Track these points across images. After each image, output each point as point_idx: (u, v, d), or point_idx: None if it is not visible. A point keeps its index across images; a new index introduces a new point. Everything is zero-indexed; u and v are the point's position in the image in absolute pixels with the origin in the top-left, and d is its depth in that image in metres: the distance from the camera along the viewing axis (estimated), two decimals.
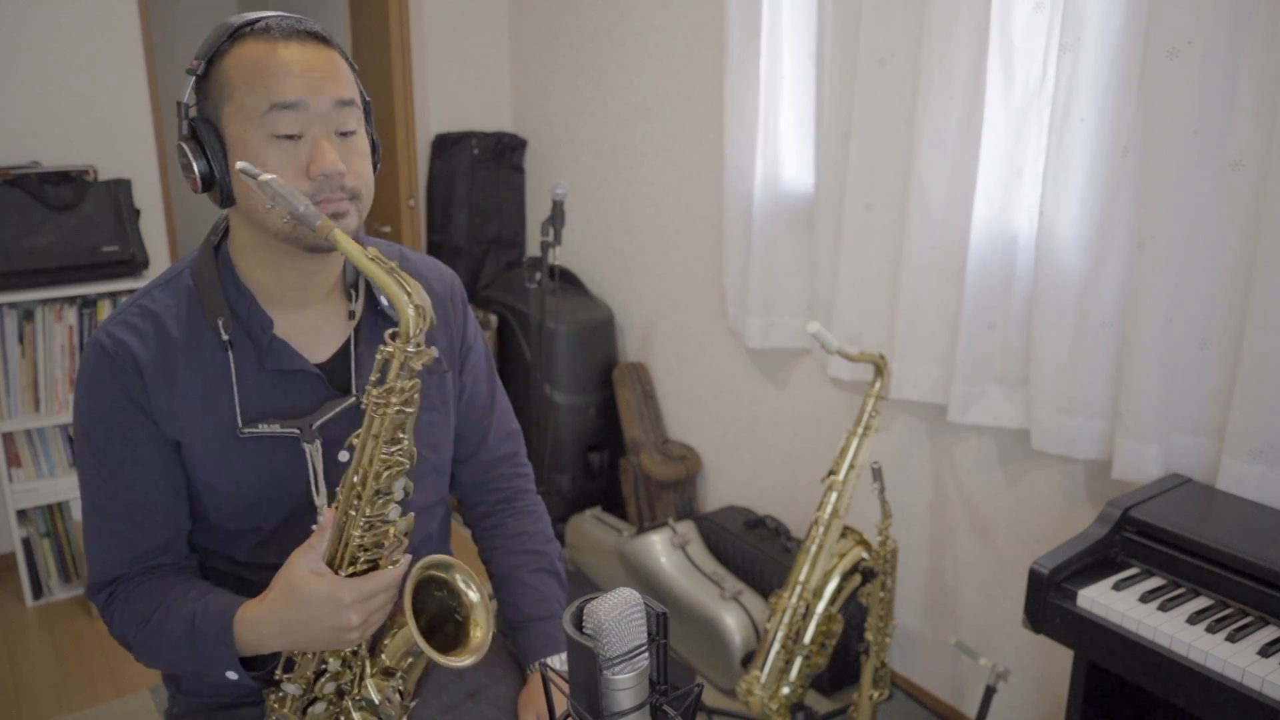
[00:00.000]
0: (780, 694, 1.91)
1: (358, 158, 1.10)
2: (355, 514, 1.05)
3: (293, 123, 1.04)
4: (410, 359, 1.00)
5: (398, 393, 1.02)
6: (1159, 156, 1.64)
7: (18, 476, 2.86)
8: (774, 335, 2.62)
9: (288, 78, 1.04)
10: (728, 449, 2.99)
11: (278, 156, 1.05)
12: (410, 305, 0.98)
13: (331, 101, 1.06)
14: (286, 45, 1.05)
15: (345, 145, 1.09)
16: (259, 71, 1.04)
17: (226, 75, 1.05)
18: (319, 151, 1.05)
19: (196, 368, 1.13)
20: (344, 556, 1.07)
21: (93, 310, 2.89)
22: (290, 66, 1.04)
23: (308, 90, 1.05)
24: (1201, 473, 1.73)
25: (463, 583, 1.11)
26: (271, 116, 1.04)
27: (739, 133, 2.53)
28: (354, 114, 1.10)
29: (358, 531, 1.06)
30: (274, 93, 1.03)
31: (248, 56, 1.05)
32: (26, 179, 2.77)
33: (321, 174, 1.05)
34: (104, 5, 2.98)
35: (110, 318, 1.14)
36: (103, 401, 1.12)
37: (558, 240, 2.75)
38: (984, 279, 2.00)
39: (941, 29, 1.95)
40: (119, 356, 1.10)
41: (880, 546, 1.97)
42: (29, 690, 2.54)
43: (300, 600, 1.03)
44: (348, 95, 1.08)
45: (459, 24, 3.63)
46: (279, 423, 1.14)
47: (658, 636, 0.81)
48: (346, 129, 1.08)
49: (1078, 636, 1.50)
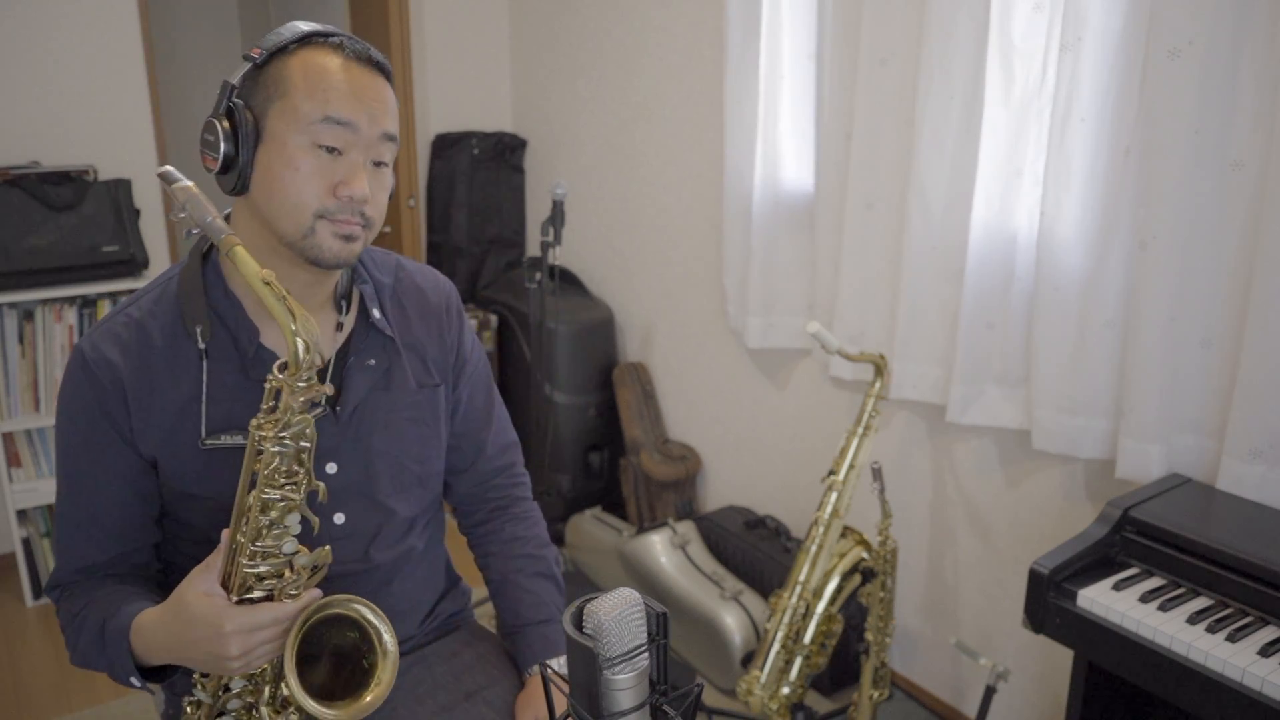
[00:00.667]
0: (780, 694, 1.91)
1: (382, 189, 1.13)
2: (245, 540, 1.02)
3: (339, 138, 1.07)
4: (298, 392, 0.98)
5: (284, 425, 0.99)
6: (1160, 156, 1.64)
7: (18, 476, 2.86)
8: (773, 335, 2.62)
9: (348, 96, 1.07)
10: (728, 449, 2.99)
11: (312, 164, 1.06)
12: (298, 338, 0.96)
13: (379, 132, 1.10)
14: (356, 66, 1.09)
15: (377, 175, 1.11)
16: (323, 80, 1.06)
17: (288, 73, 1.07)
18: (354, 175, 1.07)
19: (177, 378, 1.12)
20: (236, 583, 1.03)
21: (93, 310, 2.89)
22: (353, 86, 1.07)
23: (362, 113, 1.07)
24: (1202, 473, 1.72)
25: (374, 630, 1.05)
26: (321, 127, 1.06)
27: (739, 133, 2.53)
28: (392, 149, 1.13)
29: (246, 559, 1.02)
30: (332, 105, 1.06)
31: (316, 63, 1.07)
32: (26, 179, 2.77)
33: (349, 196, 1.07)
34: (104, 5, 2.98)
35: (97, 326, 1.15)
36: (75, 411, 1.13)
37: (558, 240, 2.75)
38: (983, 279, 2.00)
39: (942, 29, 1.95)
40: (97, 369, 1.11)
41: (880, 546, 1.97)
42: (29, 690, 2.54)
43: (185, 619, 1.01)
44: (393, 130, 1.12)
45: (459, 24, 3.63)
46: (242, 435, 1.10)
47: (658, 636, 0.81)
48: (382, 160, 1.12)
49: (1078, 636, 1.50)
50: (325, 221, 1.07)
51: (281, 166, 1.06)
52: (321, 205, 1.06)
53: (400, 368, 1.24)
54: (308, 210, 1.06)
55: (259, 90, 1.08)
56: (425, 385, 1.27)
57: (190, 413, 1.12)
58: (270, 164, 1.07)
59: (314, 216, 1.07)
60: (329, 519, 1.19)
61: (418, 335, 1.28)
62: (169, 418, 1.12)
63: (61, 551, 1.17)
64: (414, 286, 1.30)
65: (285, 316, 0.96)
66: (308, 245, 1.08)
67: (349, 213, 1.08)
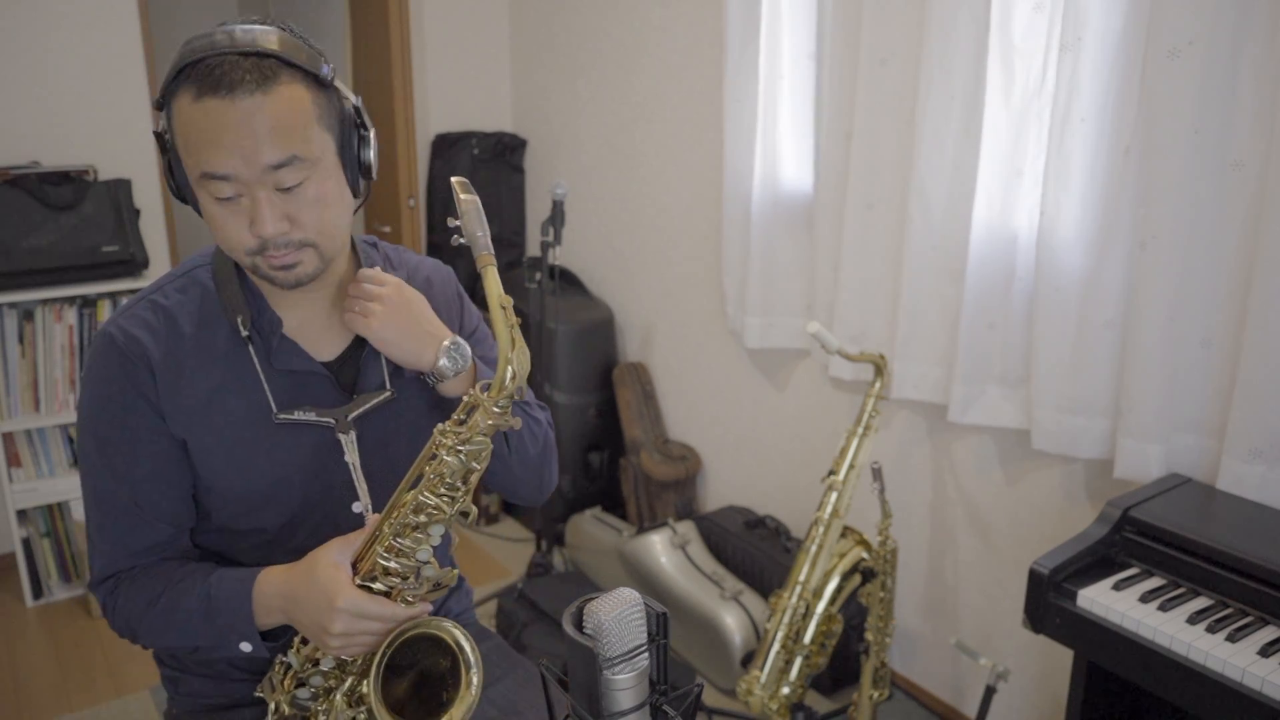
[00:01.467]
0: (780, 694, 1.91)
1: (308, 207, 1.04)
2: (388, 531, 1.05)
3: (227, 189, 1.01)
4: (491, 415, 1.00)
5: (465, 439, 1.02)
6: (1160, 156, 1.64)
7: (18, 476, 2.86)
8: (772, 335, 2.62)
9: (215, 148, 0.98)
10: (728, 449, 2.99)
11: (223, 213, 1.03)
12: (509, 365, 0.99)
13: (262, 167, 0.99)
14: (210, 104, 0.97)
15: (291, 199, 1.03)
16: (190, 136, 0.99)
17: (172, 126, 1.02)
18: (258, 215, 1.01)
19: (210, 365, 1.13)
20: (365, 567, 1.06)
21: (93, 310, 2.89)
22: (218, 134, 0.98)
23: (236, 160, 0.99)
24: (1201, 472, 1.73)
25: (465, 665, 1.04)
26: (207, 184, 1.01)
27: (738, 133, 2.53)
28: (294, 170, 1.01)
29: (383, 549, 1.05)
30: (203, 160, 0.99)
31: (182, 115, 0.99)
32: (26, 179, 2.77)
33: (259, 235, 1.03)
34: (104, 5, 2.98)
35: (121, 311, 1.14)
36: (110, 395, 1.11)
37: (558, 240, 2.75)
38: (984, 279, 2.00)
39: (942, 29, 1.95)
40: (130, 350, 1.10)
41: (880, 546, 1.97)
42: (29, 690, 2.54)
43: (309, 580, 1.04)
44: (282, 155, 1.00)
45: (459, 24, 3.63)
46: (314, 411, 1.13)
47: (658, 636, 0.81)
48: (286, 185, 1.02)
49: (1078, 636, 1.50)
50: (260, 258, 1.05)
51: (208, 218, 1.05)
52: (247, 246, 1.04)
53: None
54: (242, 253, 1.06)
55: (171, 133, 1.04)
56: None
57: (231, 397, 1.12)
58: (204, 214, 1.06)
59: (249, 255, 1.05)
60: (347, 508, 1.19)
61: None
62: (203, 404, 1.12)
63: (105, 543, 1.15)
64: (421, 276, 1.31)
65: (507, 343, 0.99)
66: (261, 275, 1.08)
67: (274, 247, 1.04)
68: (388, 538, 1.05)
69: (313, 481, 1.17)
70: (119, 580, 1.16)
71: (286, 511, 1.17)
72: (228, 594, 1.09)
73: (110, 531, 1.15)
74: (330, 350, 1.19)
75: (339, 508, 1.18)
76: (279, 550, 1.18)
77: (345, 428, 1.15)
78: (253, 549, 1.19)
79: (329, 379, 1.17)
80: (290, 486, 1.16)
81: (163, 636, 1.14)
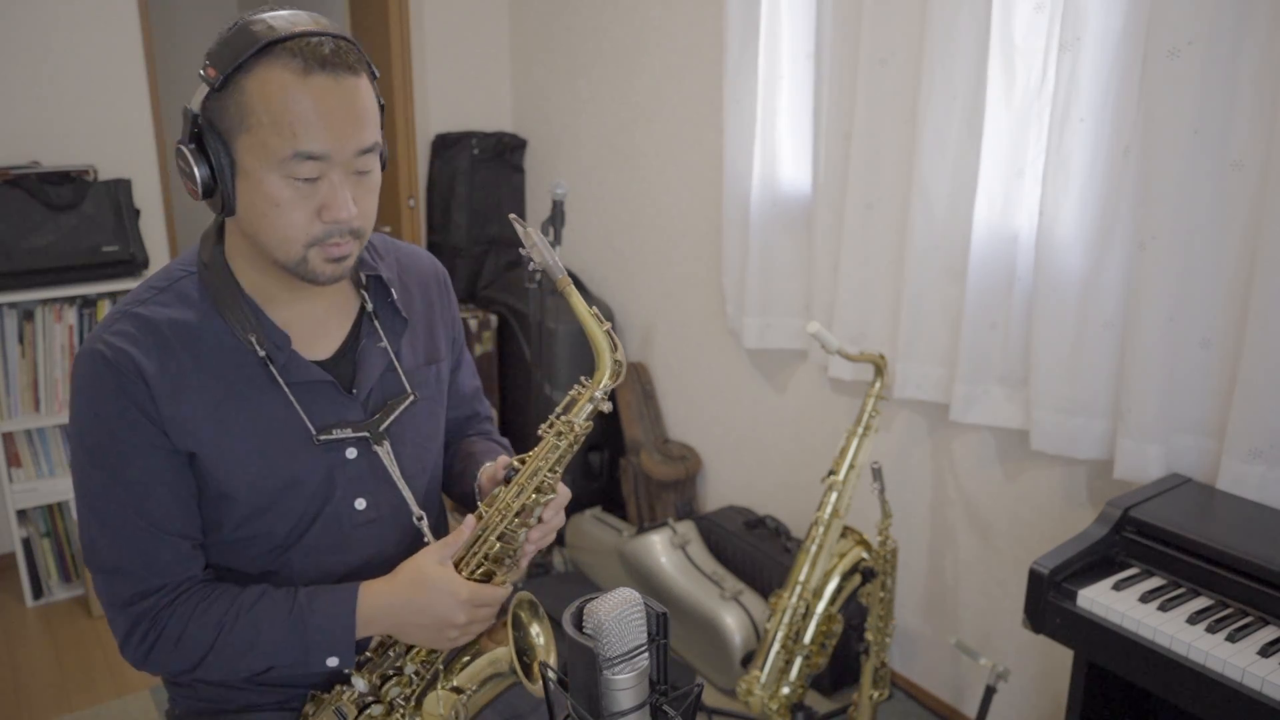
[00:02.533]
0: (780, 694, 1.91)
1: (369, 196, 1.08)
2: (501, 522, 1.15)
3: (313, 169, 1.01)
4: (597, 403, 1.14)
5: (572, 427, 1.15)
6: (1159, 156, 1.64)
7: (18, 476, 2.86)
8: (771, 336, 2.62)
9: (315, 125, 0.99)
10: (728, 449, 2.99)
11: (292, 197, 1.02)
12: (611, 359, 1.12)
13: (355, 150, 1.03)
14: (318, 80, 0.98)
15: (360, 185, 1.06)
16: (286, 111, 0.98)
17: (248, 102, 0.99)
18: (336, 200, 1.03)
19: (212, 378, 1.10)
20: (468, 559, 1.15)
21: (93, 310, 2.90)
22: (319, 113, 0.99)
23: (334, 141, 1.00)
24: (1202, 473, 1.72)
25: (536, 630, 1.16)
26: (293, 163, 1.00)
27: (737, 133, 2.53)
28: (373, 157, 1.06)
29: (494, 538, 1.15)
30: (300, 139, 0.99)
31: (274, 89, 0.98)
32: (26, 179, 2.77)
33: (334, 220, 1.03)
34: (104, 5, 2.98)
35: (103, 327, 1.09)
36: (110, 414, 1.07)
37: (558, 240, 2.75)
38: (985, 279, 2.00)
39: (942, 29, 1.95)
40: (122, 365, 1.06)
41: (880, 546, 1.97)
42: (29, 690, 2.54)
43: (420, 585, 1.11)
44: (371, 140, 1.04)
45: (459, 24, 3.63)
46: (350, 428, 1.16)
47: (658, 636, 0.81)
48: (364, 170, 1.06)
49: (1078, 636, 1.50)
50: (316, 249, 1.05)
51: (263, 203, 1.02)
52: (309, 234, 1.04)
53: (408, 348, 1.25)
54: (298, 243, 1.04)
55: (223, 116, 1.01)
56: (430, 362, 1.28)
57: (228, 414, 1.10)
58: (252, 200, 1.03)
59: (304, 247, 1.05)
60: (350, 505, 1.18)
61: (420, 312, 1.29)
62: (210, 416, 1.09)
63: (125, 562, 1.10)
64: (413, 267, 1.31)
65: (607, 346, 1.13)
66: (301, 270, 1.07)
67: (338, 235, 1.05)
68: (497, 526, 1.15)
69: (321, 483, 1.16)
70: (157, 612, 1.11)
71: (294, 513, 1.16)
72: (326, 609, 1.12)
73: (127, 553, 1.10)
74: (325, 348, 1.19)
75: (343, 506, 1.18)
76: (286, 554, 1.17)
77: (380, 439, 1.18)
78: (262, 556, 1.17)
79: (332, 384, 1.16)
80: (299, 489, 1.15)
81: (237, 663, 1.12)
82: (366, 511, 1.20)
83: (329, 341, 1.19)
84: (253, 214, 1.04)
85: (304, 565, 1.18)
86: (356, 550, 1.20)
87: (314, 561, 1.18)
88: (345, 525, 1.18)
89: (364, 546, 1.20)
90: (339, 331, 1.20)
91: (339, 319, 1.20)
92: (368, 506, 1.20)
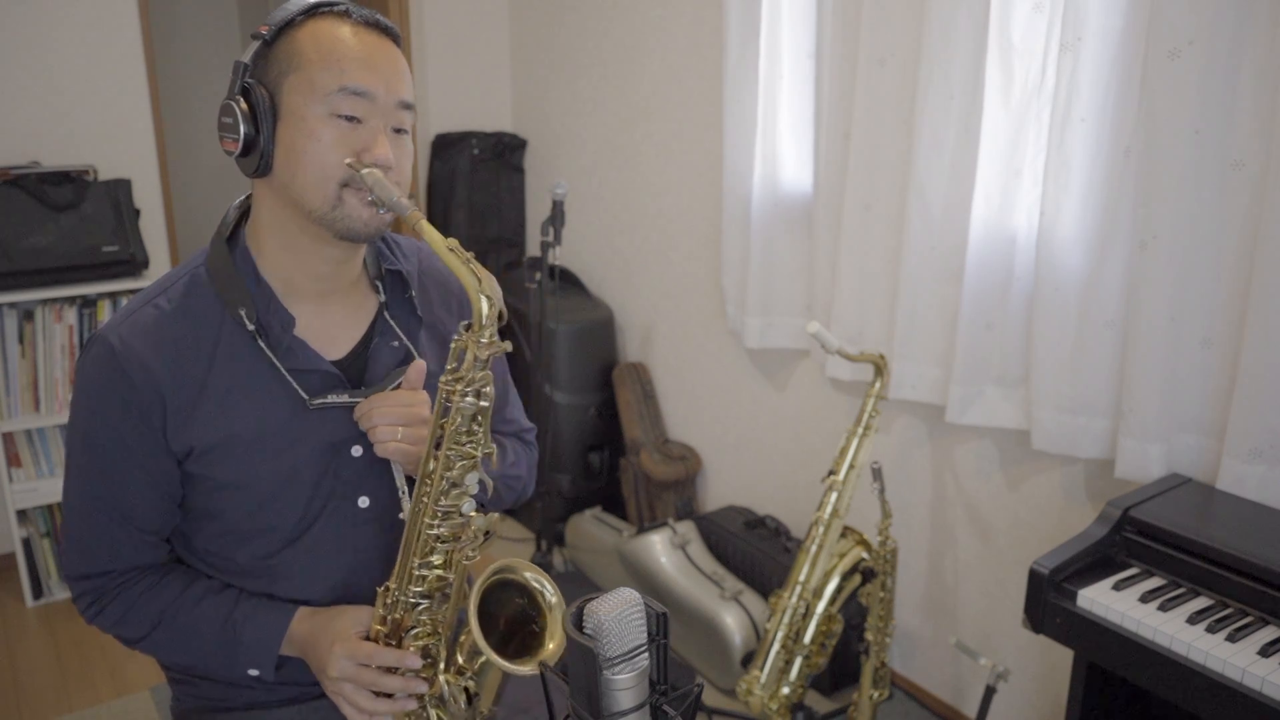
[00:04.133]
0: (780, 694, 1.91)
1: (405, 157, 1.12)
2: (428, 501, 1.08)
3: (357, 106, 1.06)
4: (481, 349, 1.04)
5: (468, 382, 1.04)
6: (1160, 156, 1.64)
7: (18, 476, 2.86)
8: (771, 336, 2.62)
9: (363, 65, 1.06)
10: (728, 449, 2.99)
11: (333, 134, 1.05)
12: (481, 295, 1.02)
13: (396, 100, 1.08)
14: (367, 32, 1.08)
15: (398, 143, 1.10)
16: (335, 50, 1.05)
17: (299, 46, 1.06)
18: (377, 142, 1.06)
19: (220, 366, 1.11)
20: (418, 547, 1.10)
21: (93, 310, 2.89)
22: (366, 54, 1.06)
23: (379, 81, 1.06)
24: (1202, 473, 1.72)
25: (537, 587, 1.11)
26: (339, 97, 1.05)
27: (737, 133, 2.53)
28: (411, 117, 1.12)
29: (428, 519, 1.09)
30: (347, 75, 1.05)
31: (326, 33, 1.06)
32: (26, 179, 2.77)
33: (374, 163, 1.05)
34: (104, 5, 2.98)
35: (122, 317, 1.12)
36: (105, 407, 1.10)
37: (558, 240, 2.75)
38: (983, 279, 2.00)
39: (941, 29, 1.95)
40: (128, 362, 1.08)
41: (880, 546, 1.97)
42: (29, 690, 2.54)
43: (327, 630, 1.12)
44: (410, 98, 1.10)
45: (459, 24, 3.63)
46: (347, 393, 1.15)
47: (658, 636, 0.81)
48: (403, 127, 1.10)
49: (1078, 636, 1.50)
50: (351, 190, 1.06)
51: (303, 139, 1.05)
52: (346, 174, 1.06)
53: (422, 348, 1.24)
54: (333, 181, 1.06)
55: (271, 67, 1.07)
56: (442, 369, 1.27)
57: (234, 401, 1.11)
58: (292, 140, 1.06)
59: (339, 186, 1.06)
60: (353, 502, 1.19)
61: (439, 316, 1.29)
62: (212, 406, 1.11)
63: (89, 542, 1.16)
64: (435, 271, 1.31)
65: (471, 279, 1.02)
66: (337, 217, 1.07)
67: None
68: (429, 507, 1.09)
69: (323, 474, 1.16)
70: (104, 590, 1.17)
71: (298, 506, 1.16)
72: (260, 625, 1.14)
73: (93, 535, 1.15)
74: (339, 349, 1.19)
75: (346, 502, 1.18)
76: (288, 550, 1.17)
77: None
78: (259, 549, 1.18)
79: (340, 379, 1.16)
80: (301, 481, 1.15)
81: (168, 654, 1.18)
82: (369, 510, 1.20)
83: (341, 343, 1.19)
84: (289, 158, 1.06)
85: (306, 561, 1.18)
86: (358, 547, 1.20)
87: (316, 557, 1.19)
88: (348, 522, 1.18)
89: (366, 544, 1.20)
90: (353, 334, 1.20)
91: (355, 321, 1.20)
92: (370, 505, 1.20)
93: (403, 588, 1.11)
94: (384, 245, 1.26)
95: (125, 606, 1.17)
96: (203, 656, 1.17)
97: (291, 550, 1.17)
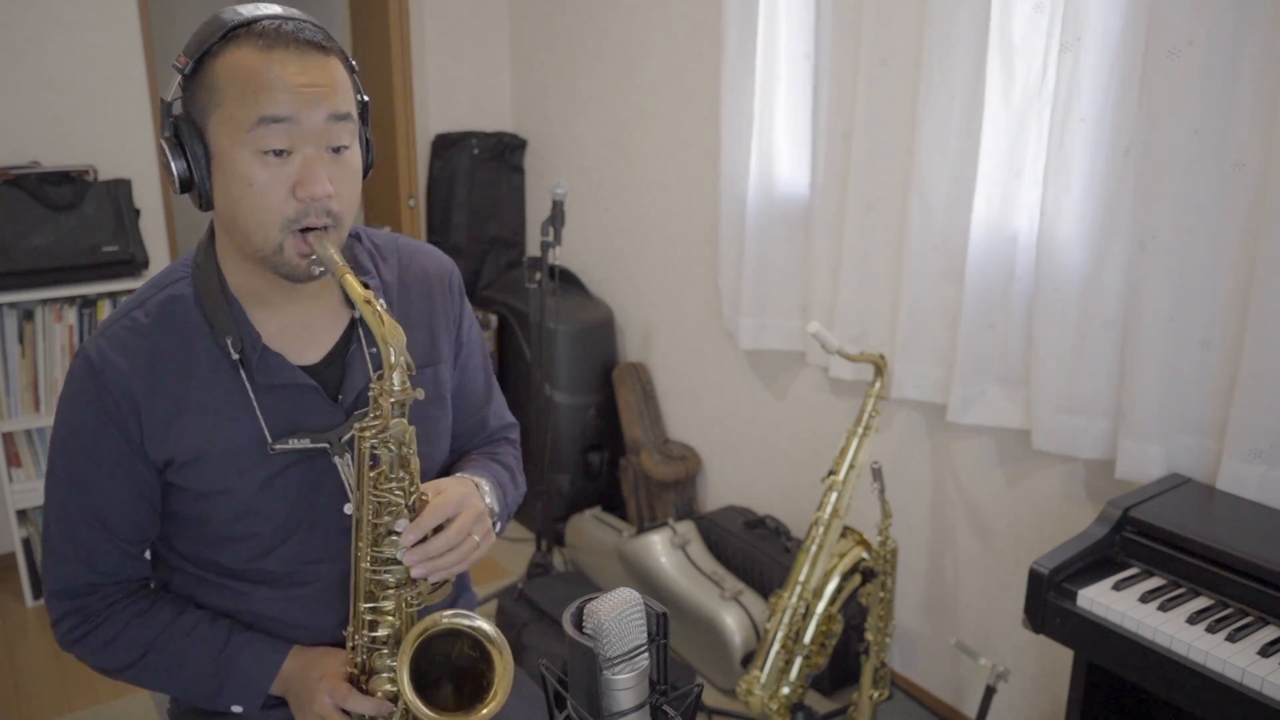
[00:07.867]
0: (780, 694, 1.91)
1: (348, 176, 1.06)
2: (365, 547, 1.08)
3: (282, 137, 1.00)
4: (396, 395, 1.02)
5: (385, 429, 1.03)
6: (1160, 156, 1.64)
7: (18, 476, 2.85)
8: (766, 337, 2.62)
9: (279, 90, 0.99)
10: (728, 449, 2.99)
11: (264, 174, 1.01)
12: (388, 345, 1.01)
13: (324, 116, 1.01)
14: (282, 53, 1.00)
15: (336, 162, 1.04)
16: (250, 82, 0.99)
17: (216, 80, 1.00)
18: (309, 174, 1.01)
19: (195, 384, 1.11)
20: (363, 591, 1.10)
21: (93, 310, 2.89)
22: (283, 78, 0.99)
23: (300, 104, 1.00)
24: (1202, 473, 1.72)
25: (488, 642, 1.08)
26: (260, 131, 0.99)
27: (734, 134, 2.53)
28: (348, 129, 1.05)
29: (369, 565, 1.09)
30: (264, 105, 0.99)
31: (239, 63, 0.99)
32: (26, 179, 2.77)
33: (309, 197, 1.02)
34: (104, 5, 2.98)
35: (101, 330, 1.12)
36: (83, 422, 1.10)
37: (558, 240, 2.75)
38: (984, 279, 2.00)
39: (942, 29, 1.95)
40: (105, 376, 1.08)
41: (880, 546, 1.97)
42: (29, 690, 2.54)
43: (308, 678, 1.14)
44: (343, 109, 1.03)
45: (459, 24, 3.63)
46: (309, 438, 1.13)
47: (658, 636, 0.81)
48: (339, 144, 1.04)
49: (1078, 636, 1.50)
50: (291, 239, 1.03)
51: (238, 186, 1.02)
52: (284, 214, 1.02)
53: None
54: (273, 226, 1.03)
55: (196, 102, 1.02)
56: (429, 364, 1.25)
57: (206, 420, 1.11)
58: (227, 183, 1.03)
59: (280, 231, 1.03)
60: (338, 510, 1.18)
61: (421, 312, 1.26)
62: (197, 421, 1.10)
63: (69, 555, 1.15)
64: (417, 265, 1.28)
65: (380, 326, 1.01)
66: (278, 261, 1.05)
67: (315, 214, 1.03)
68: (367, 553, 1.07)
69: (305, 484, 1.16)
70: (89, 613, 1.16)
71: (279, 514, 1.16)
72: (251, 661, 1.15)
73: (73, 545, 1.15)
74: (315, 353, 1.17)
75: (331, 510, 1.18)
76: (273, 555, 1.17)
77: (339, 450, 1.15)
78: (243, 553, 1.17)
79: (315, 390, 1.15)
80: (282, 490, 1.15)
81: (154, 682, 1.19)
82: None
83: (318, 347, 1.18)
84: (229, 200, 1.04)
85: (292, 567, 1.18)
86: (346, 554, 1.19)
87: (304, 561, 1.18)
88: (335, 527, 1.17)
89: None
90: (329, 336, 1.18)
91: (330, 323, 1.19)
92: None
93: (359, 631, 1.12)
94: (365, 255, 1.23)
95: (112, 633, 1.16)
96: (187, 687, 1.18)
97: (277, 555, 1.17)
